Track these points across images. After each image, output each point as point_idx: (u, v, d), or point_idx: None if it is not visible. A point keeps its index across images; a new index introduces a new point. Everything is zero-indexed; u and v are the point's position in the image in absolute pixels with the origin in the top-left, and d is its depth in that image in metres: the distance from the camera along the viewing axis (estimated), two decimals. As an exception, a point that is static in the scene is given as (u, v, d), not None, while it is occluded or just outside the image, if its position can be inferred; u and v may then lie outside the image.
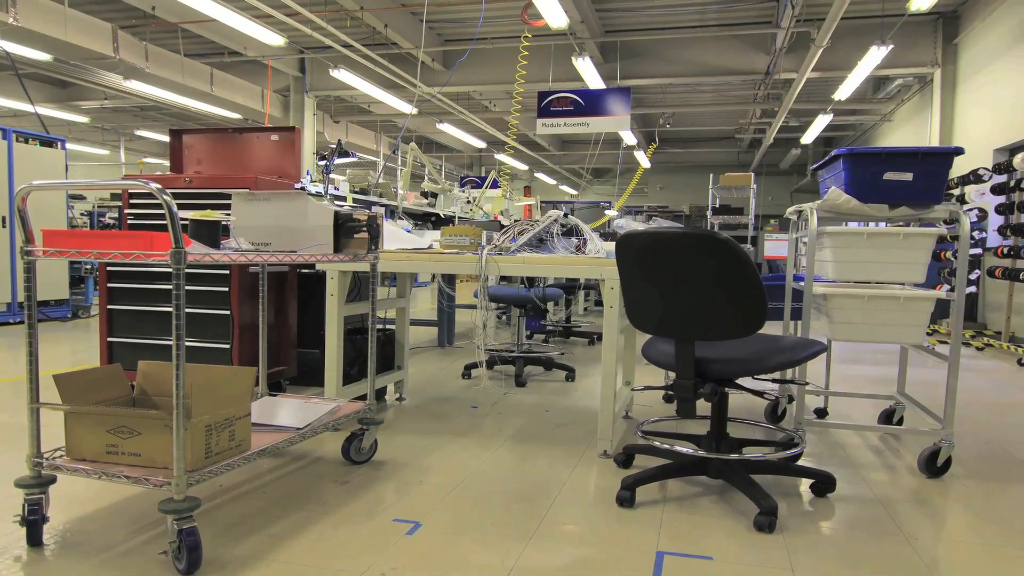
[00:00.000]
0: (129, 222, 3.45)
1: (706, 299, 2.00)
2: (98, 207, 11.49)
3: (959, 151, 2.55)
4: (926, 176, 2.52)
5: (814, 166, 2.97)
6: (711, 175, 9.44)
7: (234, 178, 3.23)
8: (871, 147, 2.60)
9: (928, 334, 7.27)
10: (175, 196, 3.31)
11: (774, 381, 2.26)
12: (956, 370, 2.53)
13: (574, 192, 23.86)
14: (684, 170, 21.83)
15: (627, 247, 2.10)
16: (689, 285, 2.00)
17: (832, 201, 2.62)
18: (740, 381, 3.62)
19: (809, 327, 2.67)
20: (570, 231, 3.20)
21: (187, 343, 3.25)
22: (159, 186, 1.61)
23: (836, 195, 2.61)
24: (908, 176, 2.53)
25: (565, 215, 3.13)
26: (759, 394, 2.32)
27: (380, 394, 3.61)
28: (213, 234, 2.04)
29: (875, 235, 2.58)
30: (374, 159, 15.98)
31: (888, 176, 2.54)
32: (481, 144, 15.91)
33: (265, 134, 3.68)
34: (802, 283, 2.78)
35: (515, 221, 3.22)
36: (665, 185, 22.41)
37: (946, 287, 2.73)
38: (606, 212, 13.15)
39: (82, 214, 11.37)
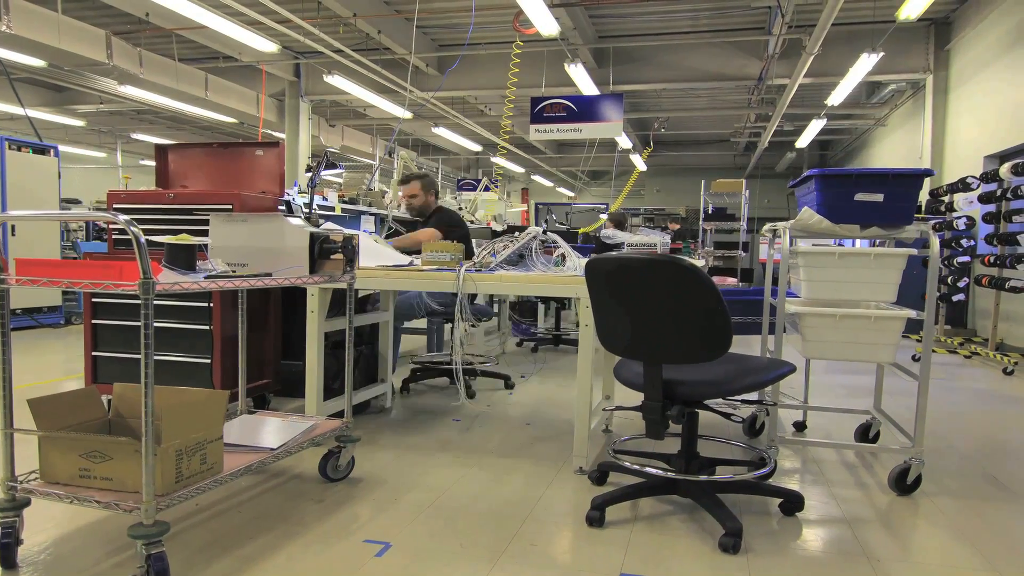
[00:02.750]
0: (115, 237, 3.48)
1: (671, 324, 2.03)
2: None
3: (929, 173, 2.58)
4: (896, 197, 2.55)
5: (791, 184, 3.00)
6: (703, 181, 9.46)
7: (217, 194, 3.26)
8: (842, 168, 2.63)
9: (918, 340, 7.29)
10: (159, 212, 3.34)
11: (744, 402, 2.29)
12: (926, 390, 2.56)
13: (571, 194, 23.88)
14: (680, 172, 21.84)
15: (595, 272, 2.13)
16: (655, 310, 2.03)
17: (804, 221, 2.65)
18: (709, 401, 3.65)
19: (781, 346, 2.70)
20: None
21: (168, 358, 3.27)
22: (127, 218, 1.64)
23: (808, 215, 2.65)
24: (879, 197, 2.56)
25: (544, 232, 3.16)
26: (727, 416, 2.35)
27: (363, 408, 3.64)
28: (188, 258, 2.07)
29: (847, 255, 2.61)
30: (370, 162, 16.00)
31: (859, 197, 2.57)
32: (477, 147, 15.94)
33: (250, 149, 3.71)
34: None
35: (502, 231, 3.25)
36: (662, 187, 22.43)
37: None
38: (601, 216, 13.16)
39: (77, 218, 11.40)
